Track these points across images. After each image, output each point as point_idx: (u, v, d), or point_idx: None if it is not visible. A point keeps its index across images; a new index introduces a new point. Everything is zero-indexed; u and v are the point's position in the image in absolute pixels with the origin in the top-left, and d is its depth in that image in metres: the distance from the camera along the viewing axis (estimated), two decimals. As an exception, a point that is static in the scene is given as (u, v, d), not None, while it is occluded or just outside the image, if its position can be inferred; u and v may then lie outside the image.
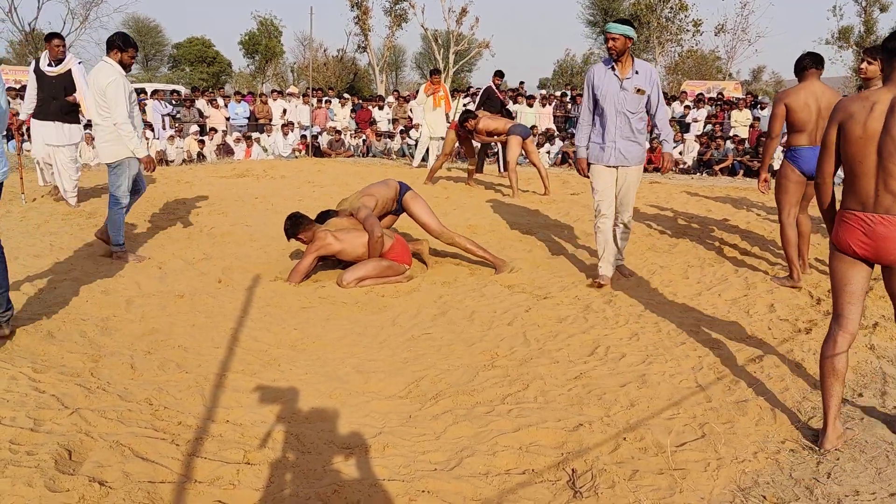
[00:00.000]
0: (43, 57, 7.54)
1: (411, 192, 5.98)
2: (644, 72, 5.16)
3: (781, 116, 5.15)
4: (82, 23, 35.73)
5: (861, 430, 3.02)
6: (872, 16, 33.67)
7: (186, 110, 16.88)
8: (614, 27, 5.06)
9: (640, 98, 5.11)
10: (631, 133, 5.14)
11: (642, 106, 5.16)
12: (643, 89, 5.10)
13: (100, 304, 4.53)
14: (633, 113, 5.12)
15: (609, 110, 5.12)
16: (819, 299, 4.88)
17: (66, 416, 2.90)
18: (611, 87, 5.12)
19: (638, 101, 5.12)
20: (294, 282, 5.29)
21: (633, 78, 5.12)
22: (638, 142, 5.20)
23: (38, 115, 7.61)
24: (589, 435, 2.96)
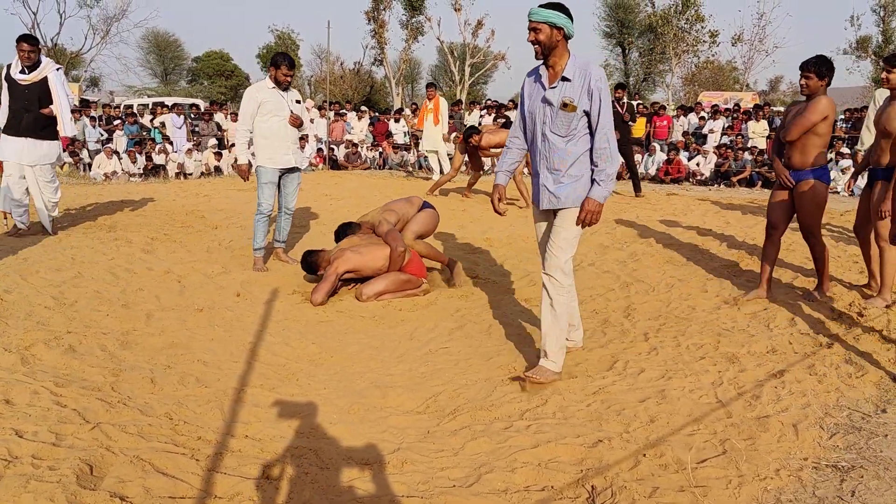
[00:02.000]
0: (14, 62, 6.54)
1: (430, 210, 5.99)
2: (578, 77, 3.63)
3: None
4: (103, 38, 36.30)
5: (886, 446, 2.97)
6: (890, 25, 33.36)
7: (205, 124, 17.06)
8: (535, 13, 3.63)
9: (569, 116, 3.65)
10: (560, 164, 3.75)
11: (577, 127, 3.68)
12: (571, 103, 3.62)
13: (120, 317, 4.57)
14: (562, 136, 3.72)
15: (536, 133, 3.82)
16: (841, 313, 4.82)
17: (88, 430, 2.92)
18: (536, 101, 3.79)
19: (567, 121, 3.67)
20: (316, 302, 5.27)
21: (559, 87, 3.67)
22: (573, 175, 3.76)
23: (9, 130, 6.62)
24: (608, 451, 2.94)
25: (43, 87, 6.50)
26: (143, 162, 15.08)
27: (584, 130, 3.70)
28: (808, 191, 4.80)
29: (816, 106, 4.60)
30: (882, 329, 4.40)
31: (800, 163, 4.77)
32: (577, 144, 3.72)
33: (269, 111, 5.99)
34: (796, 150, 4.79)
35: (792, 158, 4.80)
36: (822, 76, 4.59)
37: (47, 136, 6.68)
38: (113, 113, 17.38)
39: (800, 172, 4.81)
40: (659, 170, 14.28)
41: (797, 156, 4.80)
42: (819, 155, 4.76)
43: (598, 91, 3.61)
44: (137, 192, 10.98)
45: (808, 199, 4.82)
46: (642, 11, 38.32)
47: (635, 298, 5.31)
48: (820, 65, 4.57)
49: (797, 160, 4.79)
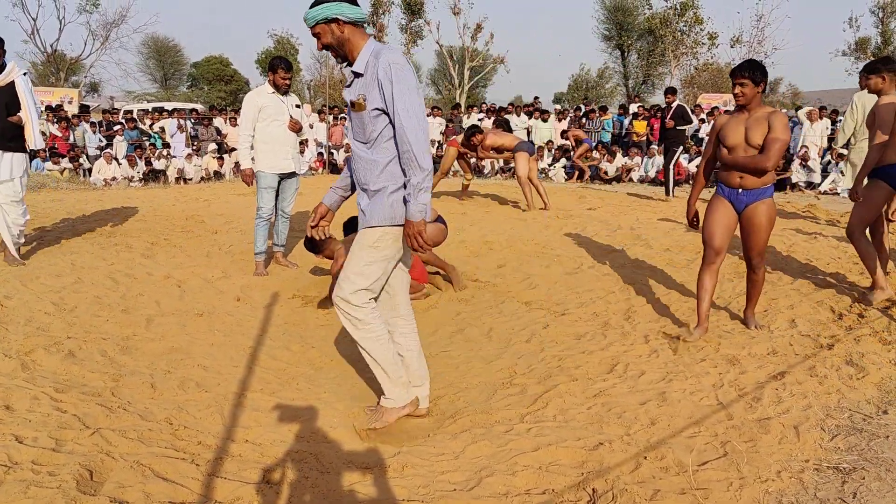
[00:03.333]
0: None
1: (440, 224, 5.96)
2: (370, 69, 3.05)
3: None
4: (103, 43, 36.34)
5: (887, 448, 2.96)
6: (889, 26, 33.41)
7: (204, 129, 17.07)
8: (307, 19, 3.11)
9: (361, 117, 3.10)
10: (366, 176, 3.19)
11: (377, 130, 3.09)
12: (359, 101, 3.08)
13: (120, 322, 4.57)
14: (363, 143, 3.16)
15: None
16: (841, 314, 4.81)
17: (88, 436, 2.92)
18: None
19: (362, 123, 3.11)
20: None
21: (353, 84, 3.14)
22: (376, 189, 3.16)
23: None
24: (609, 454, 2.94)
25: (9, 94, 5.75)
26: (143, 167, 15.09)
27: (388, 134, 3.09)
28: (768, 210, 4.32)
29: (782, 121, 4.14)
30: (882, 330, 4.40)
31: (755, 181, 4.28)
32: (380, 152, 3.12)
33: (269, 116, 6.00)
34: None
35: (745, 178, 4.27)
36: (757, 82, 4.17)
37: (14, 148, 5.84)
38: (113, 118, 17.37)
39: (755, 192, 4.31)
40: (659, 172, 14.27)
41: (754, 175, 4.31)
42: (770, 171, 4.33)
43: (389, 81, 2.95)
44: (137, 197, 10.99)
45: (766, 219, 4.33)
46: (641, 14, 38.38)
47: (636, 301, 5.30)
48: (754, 70, 4.18)
49: (752, 178, 4.28)
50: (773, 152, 4.11)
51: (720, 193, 4.45)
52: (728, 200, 4.39)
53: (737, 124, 4.24)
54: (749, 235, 4.39)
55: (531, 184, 9.94)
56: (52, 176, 13.54)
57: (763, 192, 4.28)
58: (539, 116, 17.62)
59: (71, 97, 22.63)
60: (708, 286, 4.44)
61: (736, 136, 4.24)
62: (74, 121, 16.04)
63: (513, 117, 17.66)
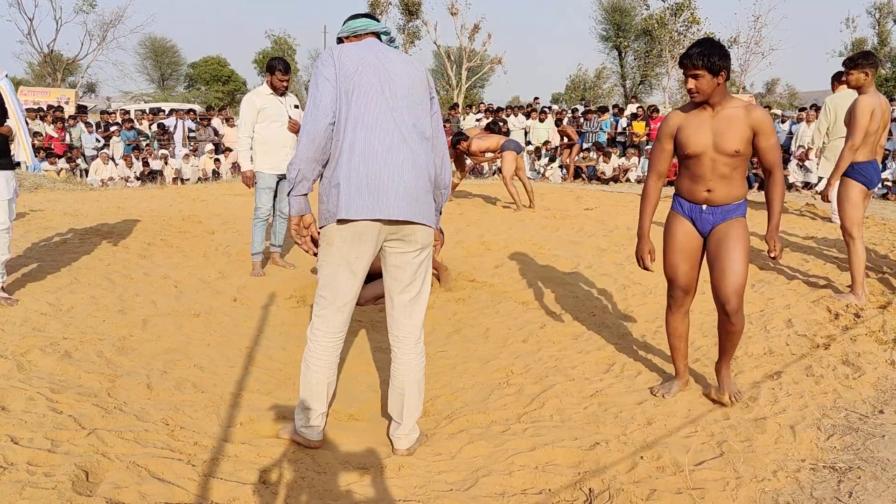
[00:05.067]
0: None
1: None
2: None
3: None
4: (100, 44, 36.31)
5: (883, 447, 2.97)
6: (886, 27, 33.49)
7: (202, 129, 17.06)
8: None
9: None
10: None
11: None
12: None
13: (116, 323, 4.56)
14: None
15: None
16: (837, 314, 4.82)
17: (84, 436, 2.91)
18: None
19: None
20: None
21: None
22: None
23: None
24: (606, 454, 2.94)
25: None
26: (140, 167, 15.07)
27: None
28: (742, 232, 3.33)
29: (769, 119, 3.26)
30: (878, 330, 4.41)
31: (725, 196, 3.35)
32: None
33: (267, 117, 5.99)
34: (723, 179, 3.32)
35: (714, 191, 3.34)
36: (715, 71, 3.16)
37: (1, 165, 4.81)
38: (110, 119, 17.35)
39: (726, 209, 3.37)
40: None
41: (723, 187, 3.33)
42: (744, 183, 3.42)
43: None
44: (134, 197, 10.98)
45: (741, 243, 3.31)
46: (638, 14, 38.43)
47: (633, 301, 5.31)
48: (708, 56, 3.13)
49: (722, 193, 3.34)
50: (778, 165, 3.31)
51: (678, 211, 3.52)
52: (688, 219, 3.48)
53: (698, 125, 3.28)
54: (719, 265, 3.32)
55: (520, 181, 10.01)
56: (48, 176, 13.52)
57: (736, 208, 3.37)
58: (537, 117, 17.65)
59: (68, 98, 22.60)
60: (681, 331, 3.59)
61: (699, 140, 3.27)
62: (71, 121, 16.02)
63: (510, 118, 17.69)
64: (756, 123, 3.21)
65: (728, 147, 3.22)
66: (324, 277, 2.91)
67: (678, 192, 3.52)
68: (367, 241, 2.82)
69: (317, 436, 3.00)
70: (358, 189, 2.75)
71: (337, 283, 2.87)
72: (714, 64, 3.13)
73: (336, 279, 2.87)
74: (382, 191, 2.76)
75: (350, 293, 2.90)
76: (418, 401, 3.06)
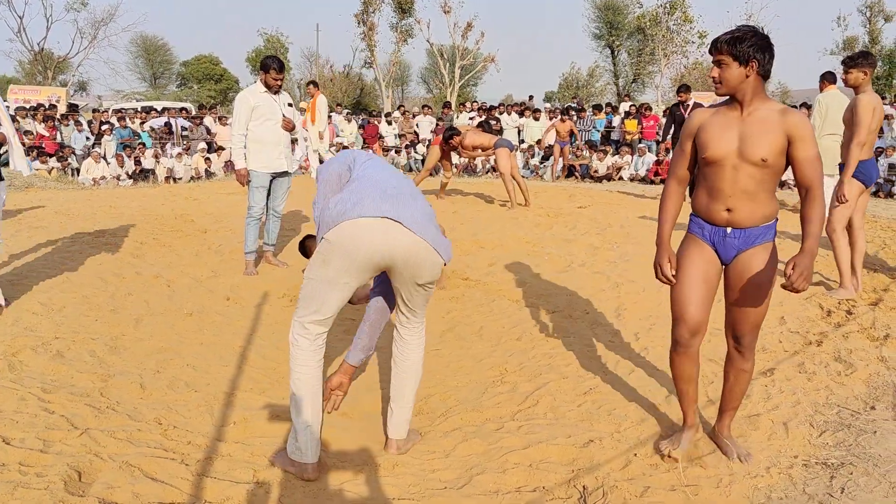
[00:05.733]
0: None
1: None
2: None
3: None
4: (91, 42, 36.13)
5: (875, 443, 2.99)
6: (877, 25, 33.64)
7: (195, 127, 17.00)
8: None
9: None
10: None
11: None
12: None
13: (109, 322, 4.54)
14: None
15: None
16: (829, 311, 4.84)
17: (76, 436, 2.90)
18: None
19: None
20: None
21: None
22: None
23: None
24: (599, 451, 2.95)
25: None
26: (132, 166, 15.01)
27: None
28: (770, 262, 2.79)
29: (808, 127, 2.64)
30: (870, 326, 4.43)
31: (749, 216, 2.75)
32: None
33: (261, 115, 5.98)
34: (746, 195, 2.73)
35: (735, 210, 2.75)
36: (744, 60, 2.64)
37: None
38: (102, 117, 17.27)
39: (752, 232, 2.78)
40: (648, 171, 14.32)
41: (747, 205, 2.74)
42: (773, 201, 2.79)
43: None
44: (126, 196, 10.94)
45: (767, 276, 2.78)
46: (631, 13, 38.47)
47: (626, 299, 5.32)
48: (739, 41, 2.62)
49: (746, 212, 2.74)
50: (818, 181, 2.64)
51: (696, 233, 2.92)
52: (710, 245, 2.88)
53: (724, 126, 2.74)
54: (738, 300, 2.82)
55: (514, 179, 9.99)
56: (39, 175, 13.45)
57: (765, 232, 2.78)
58: (530, 115, 17.66)
59: (58, 96, 22.50)
60: (689, 374, 2.92)
61: (721, 143, 2.72)
62: (63, 121, 15.93)
63: (504, 116, 17.70)
64: (793, 129, 2.62)
65: (754, 154, 2.64)
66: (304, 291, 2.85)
67: (695, 212, 2.93)
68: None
69: (310, 458, 2.75)
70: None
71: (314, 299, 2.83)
72: (741, 51, 2.61)
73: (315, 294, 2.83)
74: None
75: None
76: (415, 393, 3.10)
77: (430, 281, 2.85)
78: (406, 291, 2.86)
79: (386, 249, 2.66)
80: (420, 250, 2.71)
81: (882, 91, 29.47)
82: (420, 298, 2.91)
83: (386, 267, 2.74)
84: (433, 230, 2.78)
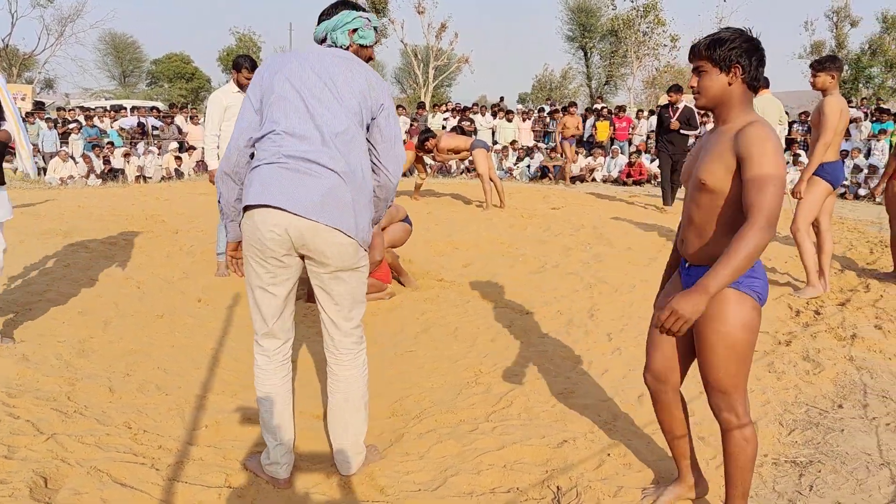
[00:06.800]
0: None
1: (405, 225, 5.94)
2: None
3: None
4: (57, 39, 35.49)
5: (842, 441, 3.04)
6: (843, 30, 34.30)
7: (166, 127, 16.79)
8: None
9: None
10: None
11: None
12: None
13: (77, 325, 4.46)
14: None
15: None
16: (798, 311, 4.92)
17: (42, 442, 2.84)
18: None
19: None
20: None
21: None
22: None
23: None
24: (573, 451, 2.96)
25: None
26: (101, 165, 14.78)
27: None
28: (730, 315, 2.22)
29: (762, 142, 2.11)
30: (837, 326, 4.51)
31: (697, 253, 2.33)
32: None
33: (234, 115, 5.91)
34: (693, 226, 2.34)
35: (687, 243, 2.37)
36: (724, 66, 2.23)
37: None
38: (68, 116, 16.97)
39: (700, 271, 2.31)
40: (621, 172, 14.45)
41: (695, 239, 2.33)
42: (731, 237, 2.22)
43: None
44: (95, 196, 10.76)
45: (721, 333, 2.23)
46: (604, 15, 38.78)
47: (599, 299, 5.35)
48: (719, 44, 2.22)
49: (694, 246, 2.34)
50: (759, 208, 2.05)
51: (680, 264, 2.51)
52: (682, 280, 2.45)
53: (699, 146, 2.43)
54: (698, 352, 2.33)
55: (490, 181, 10.01)
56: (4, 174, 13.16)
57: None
58: (504, 116, 17.73)
59: (24, 94, 22.07)
60: (668, 426, 2.59)
61: (686, 165, 2.45)
62: (29, 118, 15.62)
63: (478, 117, 17.74)
64: (741, 146, 2.12)
65: (697, 176, 2.27)
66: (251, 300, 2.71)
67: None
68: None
69: (282, 473, 2.69)
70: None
71: (258, 305, 2.69)
72: (721, 56, 2.21)
73: (258, 302, 2.69)
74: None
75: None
76: (364, 419, 2.77)
77: (341, 267, 2.55)
78: (320, 282, 2.59)
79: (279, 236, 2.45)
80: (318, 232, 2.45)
81: (849, 95, 30.05)
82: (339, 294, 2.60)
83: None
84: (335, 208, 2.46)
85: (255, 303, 2.62)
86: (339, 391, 2.71)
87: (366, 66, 2.63)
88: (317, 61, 2.54)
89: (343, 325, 2.65)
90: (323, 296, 2.62)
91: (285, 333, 2.69)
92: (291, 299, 2.66)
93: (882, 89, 32.00)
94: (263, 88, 2.54)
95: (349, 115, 2.51)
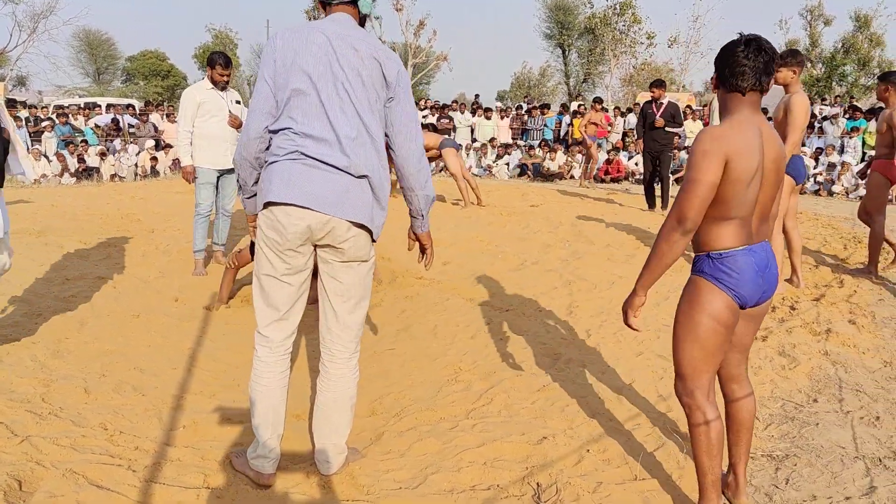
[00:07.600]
0: None
1: None
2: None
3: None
4: (30, 35, 34.91)
5: (817, 435, 3.08)
6: (817, 29, 34.76)
7: (142, 124, 16.58)
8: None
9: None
10: None
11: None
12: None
13: (51, 325, 4.39)
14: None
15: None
16: (774, 307, 4.98)
17: (16, 444, 2.80)
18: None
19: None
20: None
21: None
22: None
23: None
24: (553, 448, 2.97)
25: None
26: (76, 164, 14.56)
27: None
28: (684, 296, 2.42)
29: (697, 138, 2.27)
30: (812, 322, 4.57)
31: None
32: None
33: (207, 112, 5.87)
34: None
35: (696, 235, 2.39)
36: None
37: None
38: (41, 113, 16.70)
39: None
40: (599, 169, 14.52)
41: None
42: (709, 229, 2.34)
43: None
44: (69, 195, 10.60)
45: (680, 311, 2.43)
46: (582, 13, 38.97)
47: (578, 296, 5.38)
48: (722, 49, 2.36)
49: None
50: (672, 207, 2.29)
51: None
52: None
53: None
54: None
55: (466, 180, 10.00)
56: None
57: (696, 261, 2.42)
58: (483, 114, 17.75)
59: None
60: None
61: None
62: (1, 116, 15.33)
63: (457, 114, 17.74)
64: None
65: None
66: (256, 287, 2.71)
67: None
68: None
69: (269, 468, 2.69)
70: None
71: (267, 292, 2.66)
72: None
73: (265, 289, 2.67)
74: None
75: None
76: (349, 420, 2.77)
77: (354, 258, 2.58)
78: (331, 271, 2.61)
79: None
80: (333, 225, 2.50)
81: (822, 93, 30.46)
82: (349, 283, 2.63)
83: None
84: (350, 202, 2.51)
85: (263, 292, 2.61)
86: (329, 390, 2.71)
87: (378, 45, 2.61)
88: (332, 49, 2.50)
89: (345, 318, 2.67)
90: (332, 285, 2.63)
91: (297, 321, 2.70)
92: (305, 289, 2.67)
93: (855, 87, 32.48)
94: (277, 70, 2.50)
95: (365, 112, 2.53)
